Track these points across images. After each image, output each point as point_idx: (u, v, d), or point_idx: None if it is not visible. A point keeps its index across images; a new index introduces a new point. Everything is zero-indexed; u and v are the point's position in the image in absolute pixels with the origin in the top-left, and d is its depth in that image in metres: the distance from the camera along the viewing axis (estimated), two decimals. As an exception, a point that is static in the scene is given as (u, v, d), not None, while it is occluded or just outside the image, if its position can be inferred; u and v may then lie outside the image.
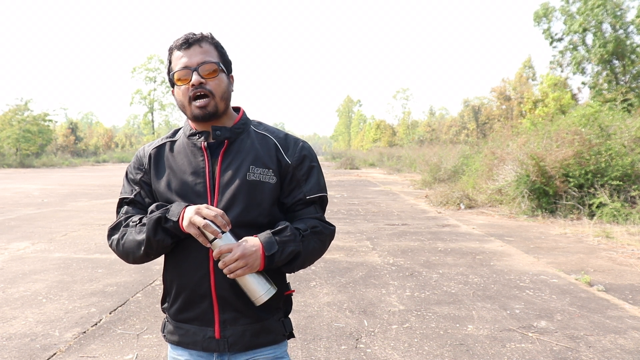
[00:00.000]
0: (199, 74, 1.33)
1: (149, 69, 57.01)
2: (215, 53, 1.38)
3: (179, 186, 1.37)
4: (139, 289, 4.87)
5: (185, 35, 1.37)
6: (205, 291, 1.34)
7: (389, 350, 3.40)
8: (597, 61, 18.84)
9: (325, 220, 1.47)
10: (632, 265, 5.92)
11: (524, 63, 37.17)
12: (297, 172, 1.42)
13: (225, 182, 1.35)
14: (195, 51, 1.35)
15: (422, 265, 5.93)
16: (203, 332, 1.36)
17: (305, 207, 1.43)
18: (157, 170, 1.43)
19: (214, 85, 1.34)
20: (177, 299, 1.39)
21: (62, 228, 8.52)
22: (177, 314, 1.41)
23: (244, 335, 1.36)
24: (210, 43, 1.38)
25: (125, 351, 3.39)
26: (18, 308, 4.29)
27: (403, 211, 11.18)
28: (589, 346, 3.47)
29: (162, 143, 1.48)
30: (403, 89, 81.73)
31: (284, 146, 1.43)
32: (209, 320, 1.36)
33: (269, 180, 1.38)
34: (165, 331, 1.47)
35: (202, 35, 1.38)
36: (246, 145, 1.41)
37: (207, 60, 1.34)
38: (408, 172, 27.08)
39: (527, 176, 10.17)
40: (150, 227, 1.29)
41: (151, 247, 1.31)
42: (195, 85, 1.32)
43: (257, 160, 1.38)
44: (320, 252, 1.43)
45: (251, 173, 1.36)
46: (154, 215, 1.29)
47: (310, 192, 1.43)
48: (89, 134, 59.04)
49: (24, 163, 35.64)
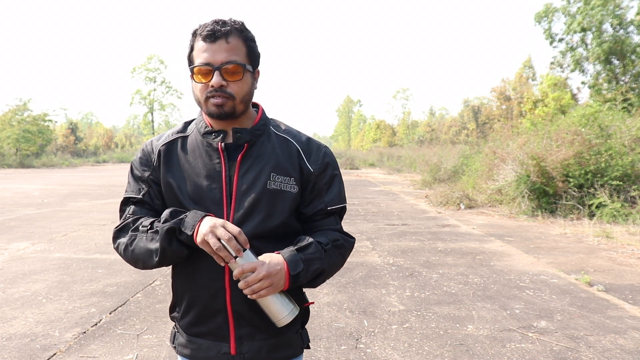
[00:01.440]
0: (221, 75, 1.21)
1: (149, 69, 56.98)
2: (243, 49, 1.24)
3: (192, 190, 1.27)
4: (139, 289, 4.87)
5: (213, 25, 1.21)
6: (220, 306, 1.26)
7: (389, 351, 3.40)
8: (594, 59, 18.84)
9: (346, 232, 1.40)
10: (632, 265, 5.92)
11: (524, 63, 37.20)
12: (319, 180, 1.33)
13: (244, 190, 1.25)
14: (220, 47, 1.20)
15: (422, 265, 5.93)
16: (217, 347, 1.29)
17: (325, 218, 1.35)
18: (168, 169, 1.31)
19: (235, 88, 1.23)
20: (189, 311, 1.31)
21: (62, 228, 8.52)
22: (189, 327, 1.33)
23: (261, 350, 1.29)
24: (239, 36, 1.23)
25: (125, 351, 3.39)
26: (18, 308, 4.29)
27: (403, 211, 11.18)
28: (589, 346, 3.47)
29: (174, 139, 1.35)
30: (403, 89, 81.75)
31: (306, 152, 1.34)
32: (224, 335, 1.28)
33: (290, 189, 1.28)
34: (176, 343, 1.38)
35: (231, 26, 1.22)
36: (267, 149, 1.30)
37: (232, 60, 1.21)
38: (408, 172, 27.08)
39: (528, 176, 10.17)
40: (163, 237, 1.18)
41: (165, 257, 1.20)
42: (215, 86, 1.21)
43: (278, 167, 1.28)
44: (341, 265, 1.36)
45: (272, 181, 1.27)
46: (167, 225, 1.18)
47: (331, 203, 1.34)
48: (89, 134, 59.03)
49: (24, 163, 35.62)
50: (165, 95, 58.52)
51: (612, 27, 18.54)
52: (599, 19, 18.16)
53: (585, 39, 19.76)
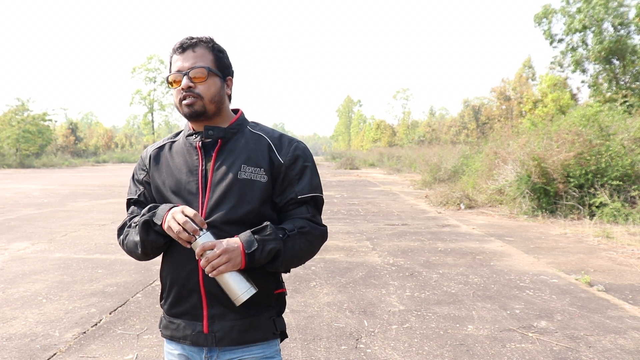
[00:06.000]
0: (188, 78, 1.39)
1: (148, 69, 56.99)
2: (210, 57, 1.43)
3: (174, 184, 1.44)
4: (139, 289, 4.87)
5: (182, 40, 1.43)
6: (194, 285, 1.38)
7: (389, 351, 3.40)
8: (594, 59, 18.83)
9: (317, 220, 1.47)
10: (632, 265, 5.92)
11: (524, 63, 37.18)
12: (290, 171, 1.44)
13: (217, 180, 1.39)
14: (188, 55, 1.41)
15: (422, 265, 5.93)
16: (193, 326, 1.40)
17: (297, 207, 1.44)
18: (156, 169, 1.49)
19: (202, 89, 1.40)
20: (170, 293, 1.44)
21: (62, 228, 8.52)
22: (170, 308, 1.45)
23: (232, 330, 1.38)
24: (206, 47, 1.43)
25: (125, 351, 3.39)
26: (18, 308, 4.29)
27: (403, 211, 11.18)
28: (589, 346, 3.47)
29: (163, 144, 1.55)
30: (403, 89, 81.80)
31: (277, 146, 1.46)
32: (198, 315, 1.39)
33: (259, 179, 1.40)
34: (161, 326, 1.51)
35: (198, 39, 1.43)
36: (240, 144, 1.45)
37: (197, 65, 1.39)
38: (408, 172, 27.08)
39: (529, 176, 10.17)
40: (140, 229, 1.35)
41: (146, 247, 1.37)
42: (184, 89, 1.39)
43: (249, 160, 1.42)
44: (309, 252, 1.43)
45: (242, 172, 1.40)
46: (142, 218, 1.36)
47: (302, 192, 1.44)
48: (89, 134, 58.98)
49: (24, 163, 35.63)
50: (165, 95, 58.49)
51: (613, 27, 18.52)
52: (600, 17, 18.13)
53: (586, 38, 19.74)
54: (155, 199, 1.48)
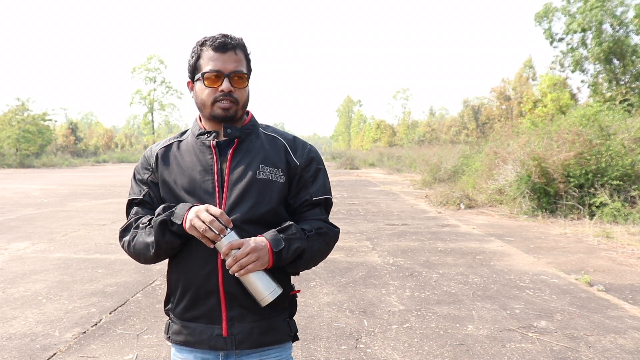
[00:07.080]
0: (230, 82, 1.36)
1: (148, 69, 56.96)
2: (245, 62, 1.41)
3: (187, 184, 1.39)
4: (139, 289, 4.87)
5: (224, 38, 1.38)
6: (212, 287, 1.34)
7: (389, 350, 3.40)
8: (594, 59, 18.83)
9: (330, 222, 1.48)
10: (632, 265, 5.92)
11: (524, 63, 37.15)
12: (305, 173, 1.45)
13: (235, 180, 1.37)
14: (230, 57, 1.37)
15: (422, 265, 5.93)
16: (210, 330, 1.36)
17: (311, 209, 1.45)
18: (165, 168, 1.44)
19: (239, 94, 1.38)
20: (184, 297, 1.39)
21: (62, 228, 8.52)
22: (183, 312, 1.40)
23: (252, 332, 1.36)
24: (242, 50, 1.41)
25: (125, 351, 3.39)
26: (18, 308, 4.29)
27: (403, 211, 11.18)
28: (589, 346, 3.47)
29: (170, 143, 1.50)
30: (403, 89, 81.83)
31: (292, 148, 1.47)
32: (216, 317, 1.35)
33: (277, 179, 1.40)
34: (170, 332, 1.44)
35: (238, 41, 1.40)
36: (255, 145, 1.44)
37: (240, 70, 1.38)
38: (408, 172, 27.08)
39: (529, 176, 10.17)
40: (157, 229, 1.29)
41: (160, 248, 1.32)
42: (224, 92, 1.36)
43: (266, 160, 1.41)
44: (325, 253, 1.44)
45: (261, 171, 1.38)
46: (159, 218, 1.30)
47: (316, 194, 1.45)
48: (89, 134, 58.96)
49: (24, 163, 35.62)
50: (165, 95, 58.52)
51: (612, 27, 18.52)
52: (598, 19, 18.13)
53: (585, 39, 19.74)
54: (165, 198, 1.43)
